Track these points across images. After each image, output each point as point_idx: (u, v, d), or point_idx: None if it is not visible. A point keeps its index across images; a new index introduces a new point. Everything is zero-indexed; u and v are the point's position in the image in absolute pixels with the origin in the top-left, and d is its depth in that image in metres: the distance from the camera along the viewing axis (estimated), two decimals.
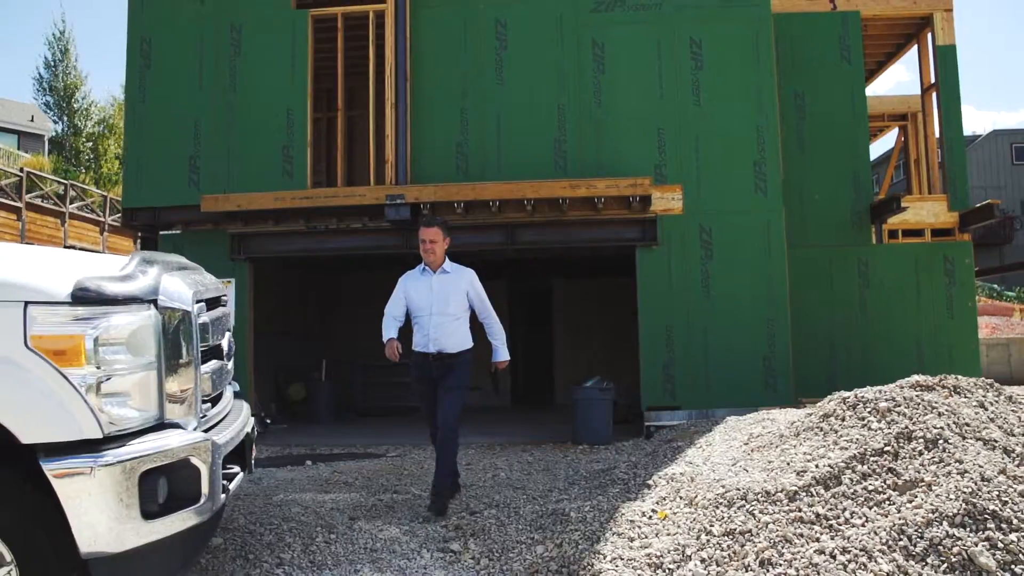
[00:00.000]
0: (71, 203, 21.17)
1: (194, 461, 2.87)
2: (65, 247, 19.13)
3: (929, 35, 11.15)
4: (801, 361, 9.43)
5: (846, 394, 4.70)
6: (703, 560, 3.38)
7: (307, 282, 12.80)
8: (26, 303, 2.58)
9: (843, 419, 4.41)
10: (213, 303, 3.53)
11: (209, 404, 3.28)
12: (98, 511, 2.60)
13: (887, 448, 3.82)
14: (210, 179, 9.81)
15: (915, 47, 11.92)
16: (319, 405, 11.60)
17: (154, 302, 2.87)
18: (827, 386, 5.48)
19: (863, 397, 4.54)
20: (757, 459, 4.46)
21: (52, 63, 35.98)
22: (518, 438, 9.15)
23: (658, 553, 3.51)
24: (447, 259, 5.50)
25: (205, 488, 2.91)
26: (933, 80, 11.15)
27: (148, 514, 2.71)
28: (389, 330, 5.35)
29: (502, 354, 5.60)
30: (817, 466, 3.82)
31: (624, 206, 9.16)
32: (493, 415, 11.68)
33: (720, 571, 3.27)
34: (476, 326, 5.62)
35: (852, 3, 10.76)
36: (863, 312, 10.16)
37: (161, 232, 10.18)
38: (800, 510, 3.50)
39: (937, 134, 11.47)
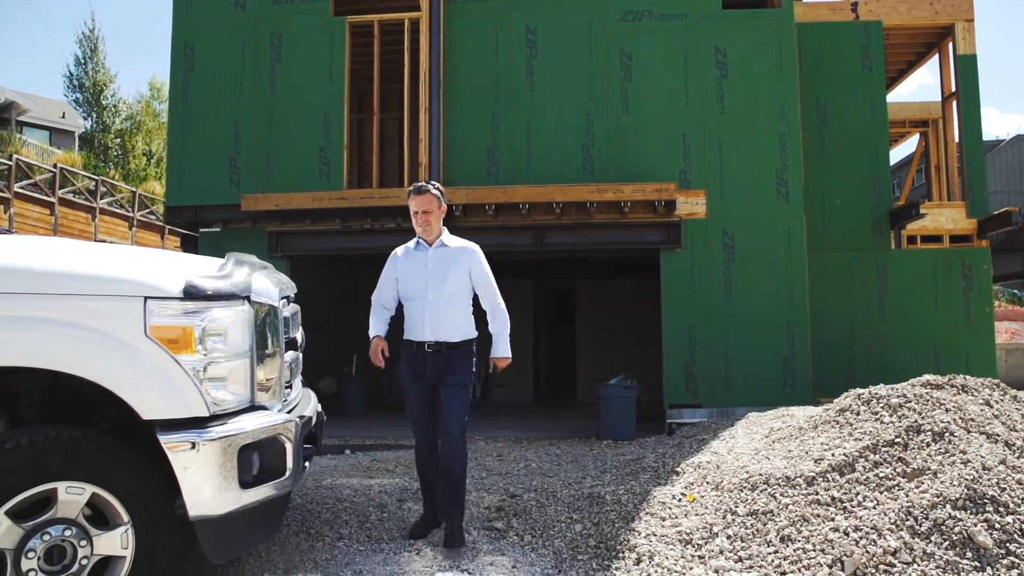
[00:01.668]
0: (101, 199, 21.72)
1: (281, 439, 3.26)
2: (95, 241, 19.64)
3: (950, 44, 11.39)
4: (820, 362, 9.73)
5: (861, 391, 5.04)
6: (729, 537, 3.74)
7: (339, 279, 13.21)
8: (145, 298, 2.98)
9: (858, 413, 4.75)
10: (290, 300, 3.93)
11: (288, 389, 3.68)
12: (204, 480, 2.99)
13: (897, 440, 4.16)
14: (249, 179, 10.23)
15: (936, 55, 12.17)
16: (349, 399, 11.98)
17: (247, 298, 3.26)
18: (845, 387, 5.75)
19: (876, 394, 4.89)
20: (778, 449, 4.82)
21: (82, 60, 36.62)
22: (543, 433, 9.50)
23: (688, 530, 3.89)
24: (446, 231, 4.67)
25: (290, 463, 3.30)
26: (954, 88, 11.40)
27: (244, 484, 3.10)
28: (376, 324, 4.63)
29: (502, 348, 4.63)
30: (833, 455, 4.17)
31: (649, 210, 9.50)
32: (517, 411, 12.05)
33: (744, 546, 3.63)
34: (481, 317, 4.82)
35: (874, 13, 11.03)
36: (881, 316, 10.44)
37: (202, 230, 10.63)
38: (817, 493, 3.85)
39: (957, 141, 11.71)
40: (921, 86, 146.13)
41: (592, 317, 14.32)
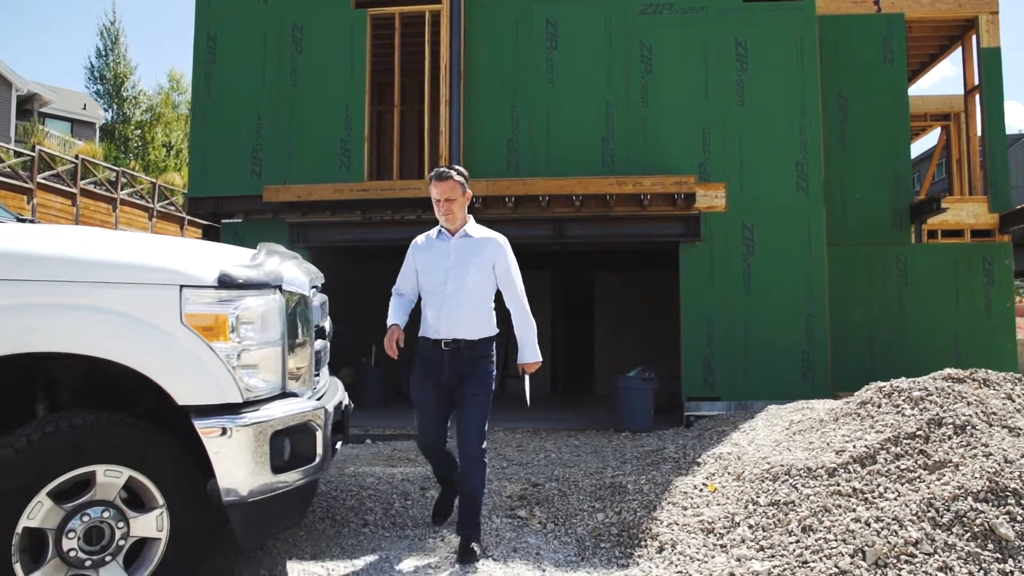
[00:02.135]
0: (122, 189, 21.91)
1: (311, 426, 3.33)
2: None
3: (974, 37, 11.32)
4: (839, 356, 9.73)
5: (882, 384, 5.07)
6: (751, 526, 3.79)
7: (358, 270, 13.29)
8: (181, 286, 3.05)
9: (879, 406, 4.78)
10: (319, 289, 4.00)
11: (317, 377, 3.74)
12: (237, 465, 3.06)
13: (919, 432, 4.18)
14: (271, 170, 10.31)
15: (959, 48, 12.09)
16: (368, 389, 12.06)
17: (279, 287, 3.33)
18: (864, 381, 5.76)
19: (898, 387, 4.91)
20: (799, 441, 4.85)
21: (103, 52, 36.93)
22: (561, 425, 9.55)
23: (710, 520, 3.93)
24: (471, 219, 4.32)
25: (320, 449, 3.37)
26: (977, 82, 11.32)
27: (275, 469, 3.17)
28: (395, 313, 4.32)
29: (530, 353, 4.32)
30: (855, 447, 4.20)
31: (669, 203, 9.51)
32: (534, 403, 12.06)
33: (766, 535, 3.67)
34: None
35: (896, 5, 10.96)
36: (901, 310, 10.41)
37: (223, 221, 10.73)
38: (839, 484, 3.88)
39: (979, 135, 11.64)
40: (943, 79, 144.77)
41: (609, 310, 14.35)
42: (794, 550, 3.53)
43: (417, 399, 4.25)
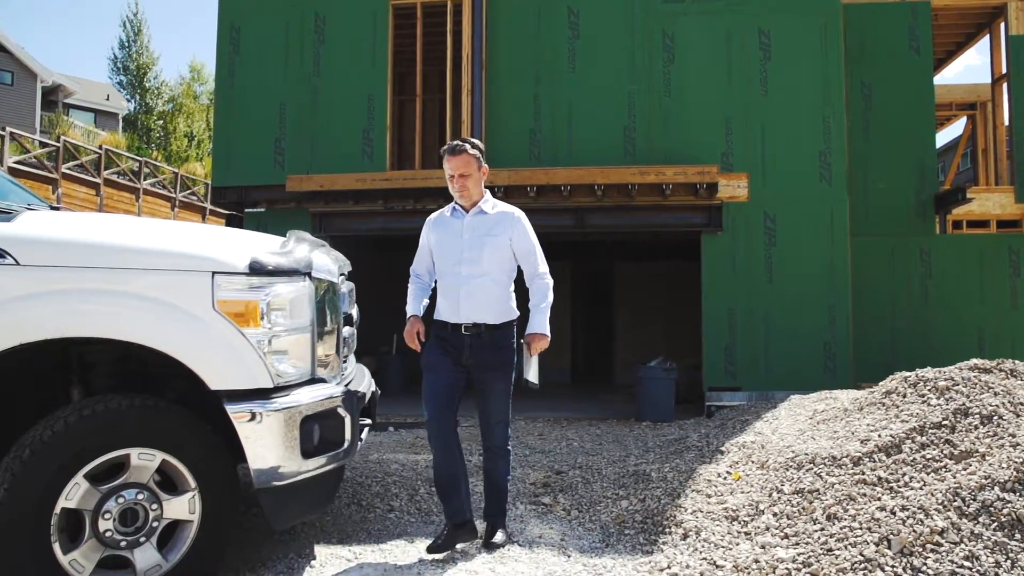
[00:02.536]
0: (144, 179, 22.12)
1: (340, 411, 3.37)
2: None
3: (1002, 25, 11.19)
4: (861, 348, 9.68)
5: (907, 374, 5.05)
6: (775, 514, 3.80)
7: (380, 260, 13.37)
8: (213, 272, 3.09)
9: (904, 395, 4.76)
10: (346, 277, 4.04)
11: (344, 364, 3.79)
12: (268, 449, 3.11)
13: (945, 422, 4.17)
14: (294, 160, 10.38)
15: (987, 36, 11.96)
16: (389, 378, 12.13)
17: (308, 274, 3.36)
18: (886, 373, 5.72)
19: (923, 376, 4.89)
20: (823, 430, 4.85)
21: (126, 43, 37.24)
22: (582, 414, 9.57)
23: (734, 507, 3.95)
24: (487, 195, 4.05)
25: (348, 435, 3.42)
26: (1004, 70, 11.20)
27: (305, 454, 3.21)
28: (413, 301, 4.10)
29: (539, 323, 3.95)
30: (879, 436, 4.19)
31: (691, 193, 9.49)
32: (555, 392, 12.11)
33: (790, 523, 3.68)
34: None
35: None
36: (924, 301, 10.33)
37: (247, 210, 10.82)
38: (863, 473, 3.88)
39: (1006, 124, 11.52)
40: (968, 68, 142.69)
41: (630, 299, 14.34)
42: (819, 538, 3.53)
43: (430, 364, 3.93)
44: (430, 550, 3.79)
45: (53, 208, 4.14)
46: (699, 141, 9.64)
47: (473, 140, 4.02)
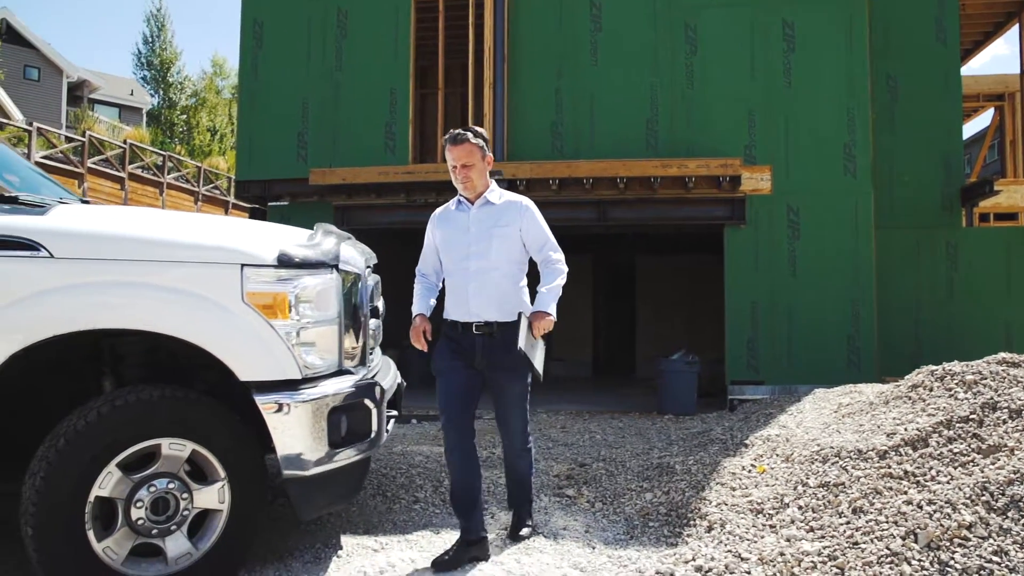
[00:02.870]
0: (168, 174, 22.31)
1: (367, 403, 3.40)
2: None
3: None
4: (885, 341, 9.61)
5: (934, 367, 5.01)
6: (800, 507, 3.79)
7: (401, 253, 13.39)
8: (242, 265, 3.13)
9: (931, 389, 4.73)
10: (372, 269, 4.07)
11: (371, 356, 3.82)
12: (296, 440, 3.14)
13: (972, 416, 4.14)
14: (317, 153, 10.45)
15: (1016, 26, 11.80)
16: (410, 371, 12.16)
17: (335, 266, 3.39)
18: (911, 367, 5.67)
19: (950, 370, 4.85)
20: (848, 424, 4.83)
21: (150, 39, 37.50)
22: (604, 407, 9.57)
23: (759, 500, 3.95)
24: (493, 184, 3.84)
25: (374, 426, 3.45)
26: None
27: (333, 445, 3.24)
28: (419, 301, 3.88)
29: (544, 301, 3.69)
30: (906, 429, 4.17)
31: (714, 185, 9.45)
32: (576, 385, 12.13)
33: (816, 516, 3.68)
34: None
35: None
36: (950, 295, 10.23)
37: (270, 203, 10.90)
38: (890, 467, 3.86)
39: None
40: (996, 58, 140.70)
41: (652, 293, 14.31)
42: (844, 531, 3.52)
43: (442, 369, 3.75)
44: (436, 566, 3.54)
45: (83, 202, 4.20)
46: (722, 134, 9.60)
47: (476, 128, 3.79)
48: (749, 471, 4.50)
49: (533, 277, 3.81)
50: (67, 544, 2.92)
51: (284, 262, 3.18)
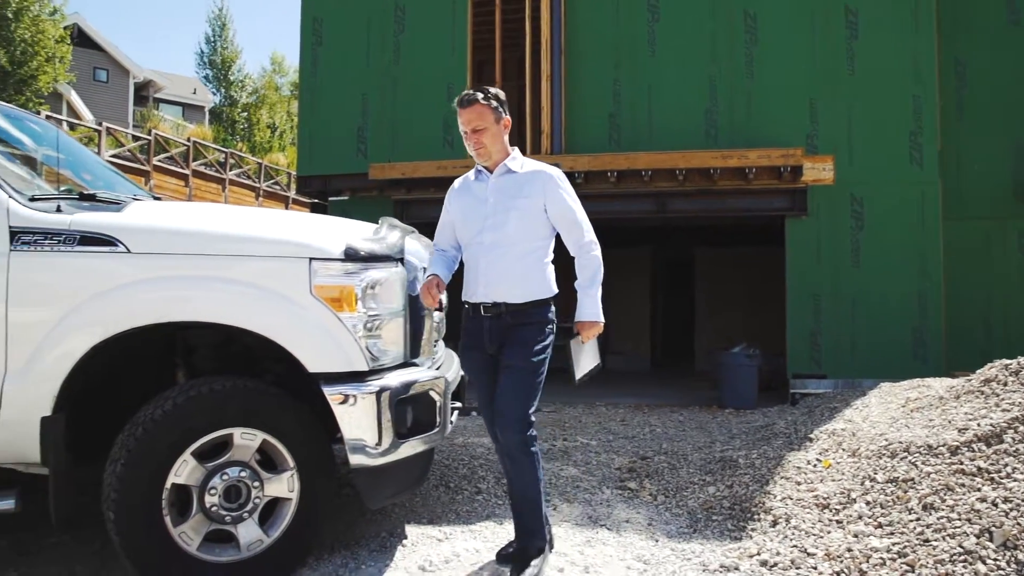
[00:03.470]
0: (230, 170, 22.79)
1: (432, 394, 3.44)
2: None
3: None
4: (954, 335, 9.35)
5: (1008, 361, 4.86)
6: (868, 503, 3.72)
7: None
8: (310, 259, 3.19)
9: (1005, 384, 4.59)
10: None
11: (436, 348, 3.86)
12: (363, 430, 3.20)
13: None
14: (376, 148, 10.57)
15: None
16: None
17: (401, 260, 3.44)
18: (981, 360, 5.48)
19: None
20: (917, 418, 4.72)
21: (212, 39, 38.34)
22: (663, 400, 9.51)
23: (825, 495, 3.89)
24: (516, 152, 3.48)
25: (439, 417, 3.49)
26: None
27: (399, 435, 3.29)
28: (434, 265, 3.52)
29: (588, 310, 3.35)
30: (979, 425, 4.06)
31: (774, 176, 9.30)
32: (635, 378, 12.07)
33: (884, 512, 3.61)
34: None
35: None
36: (1022, 288, 9.90)
37: (330, 199, 11.07)
38: (962, 463, 3.77)
39: None
40: None
41: (710, 285, 14.14)
42: (915, 528, 3.46)
43: (465, 365, 3.58)
44: (501, 558, 3.49)
45: (155, 198, 4.32)
46: (783, 123, 9.44)
47: (491, 88, 3.44)
48: (814, 465, 4.43)
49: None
50: (146, 529, 3.02)
51: (351, 256, 3.24)
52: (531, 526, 3.34)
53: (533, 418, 3.32)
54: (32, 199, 3.21)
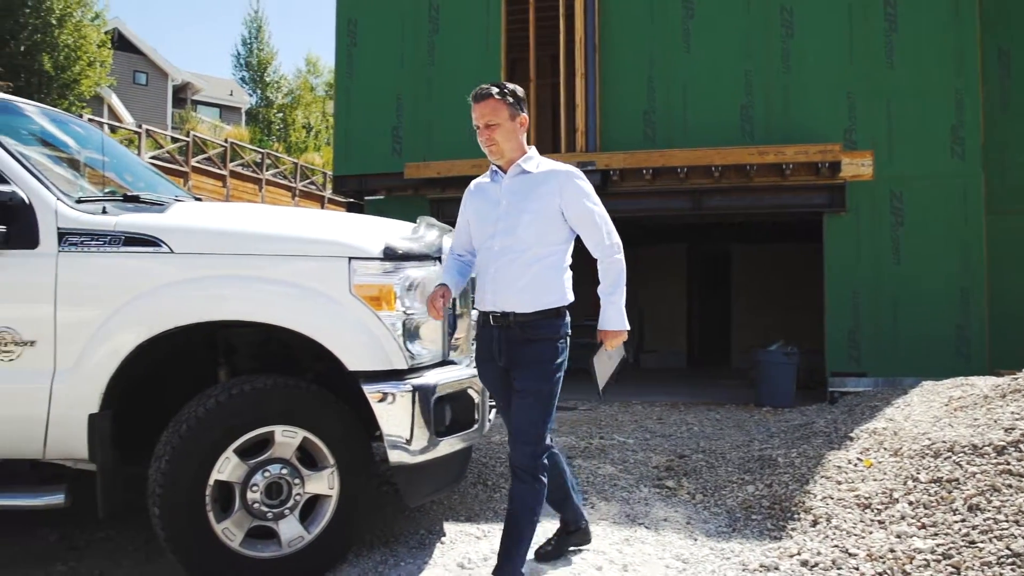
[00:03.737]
0: (266, 170, 23.05)
1: (470, 392, 3.47)
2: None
3: None
4: (998, 333, 9.15)
5: None
6: (911, 503, 3.67)
7: None
8: (350, 258, 3.22)
9: None
10: None
11: (473, 347, 3.88)
12: (403, 428, 3.22)
13: None
14: (411, 148, 10.63)
15: None
16: None
17: (439, 259, 3.46)
18: None
19: None
20: (961, 417, 4.64)
21: (248, 41, 38.76)
22: (699, 398, 9.45)
23: (866, 495, 3.84)
24: (532, 151, 3.30)
25: (477, 415, 3.51)
26: None
27: (438, 433, 3.31)
28: (444, 273, 3.33)
29: (612, 318, 3.17)
30: None
31: (812, 172, 9.19)
32: (670, 376, 12.01)
33: (928, 513, 3.55)
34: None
35: None
36: None
37: (366, 198, 11.15)
38: (1008, 463, 3.70)
39: None
40: None
41: (747, 282, 14.03)
42: (959, 529, 3.40)
43: (483, 383, 3.44)
44: (539, 557, 3.52)
45: (196, 199, 4.39)
46: (820, 118, 9.32)
47: (506, 83, 3.29)
48: (855, 465, 4.38)
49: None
50: (190, 524, 3.08)
51: (390, 255, 3.26)
52: (514, 551, 3.09)
53: (549, 439, 3.17)
54: (78, 201, 3.27)
